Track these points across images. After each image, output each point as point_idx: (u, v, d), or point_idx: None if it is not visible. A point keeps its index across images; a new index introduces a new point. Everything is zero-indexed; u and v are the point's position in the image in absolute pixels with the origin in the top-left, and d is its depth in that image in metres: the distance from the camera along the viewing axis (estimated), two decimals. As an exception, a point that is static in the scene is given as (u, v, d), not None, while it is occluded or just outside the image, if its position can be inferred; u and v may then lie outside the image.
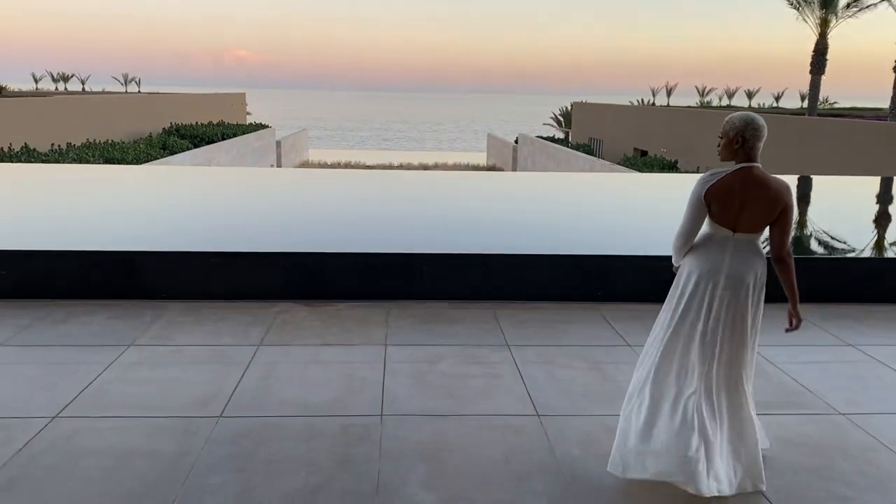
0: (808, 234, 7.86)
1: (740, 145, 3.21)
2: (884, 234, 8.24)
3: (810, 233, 7.96)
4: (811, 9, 32.72)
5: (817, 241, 7.58)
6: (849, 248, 7.31)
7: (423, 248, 6.41)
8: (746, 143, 3.20)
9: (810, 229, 8.18)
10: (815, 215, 9.32)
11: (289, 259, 6.08)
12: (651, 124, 40.09)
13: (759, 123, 3.22)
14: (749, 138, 3.20)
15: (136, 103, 42.54)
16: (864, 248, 7.34)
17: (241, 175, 13.62)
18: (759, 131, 3.22)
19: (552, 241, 6.93)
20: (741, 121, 3.23)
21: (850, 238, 7.74)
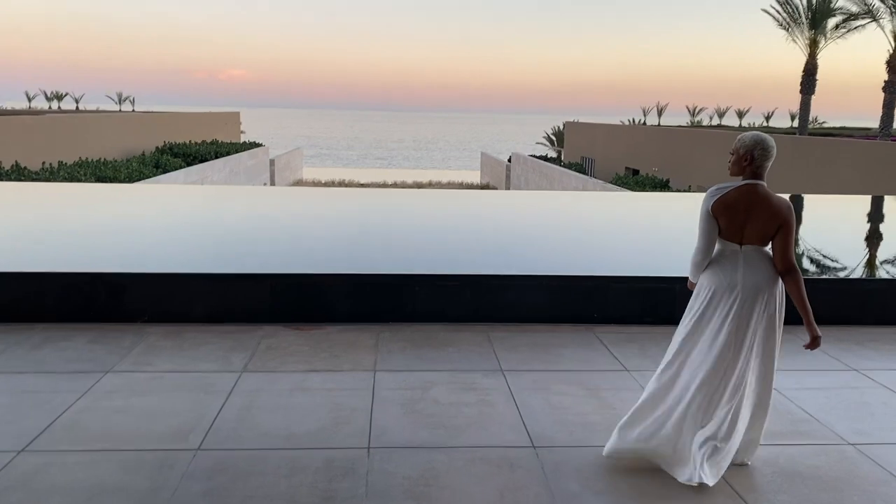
0: (800, 253, 7.73)
1: (749, 163, 3.40)
2: (876, 254, 8.12)
3: (802, 251, 7.83)
4: (800, 29, 32.91)
5: (810, 261, 7.44)
6: (841, 267, 7.18)
7: (416, 268, 6.24)
8: (755, 161, 3.39)
9: (802, 248, 8.05)
10: (807, 234, 9.19)
11: (276, 280, 5.89)
12: (643, 143, 40.17)
13: (769, 144, 3.40)
14: (758, 157, 3.38)
15: (130, 122, 42.42)
16: (857, 268, 7.20)
17: (229, 193, 13.41)
18: (768, 151, 3.39)
19: (546, 262, 6.78)
20: (752, 140, 3.41)
21: (843, 258, 7.61)
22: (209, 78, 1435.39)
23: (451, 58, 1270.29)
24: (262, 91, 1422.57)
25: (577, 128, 52.49)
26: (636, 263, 6.77)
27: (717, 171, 30.68)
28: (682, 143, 35.66)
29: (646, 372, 4.95)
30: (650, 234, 8.52)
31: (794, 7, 32.02)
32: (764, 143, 3.37)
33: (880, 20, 27.83)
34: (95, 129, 35.61)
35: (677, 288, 6.02)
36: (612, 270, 6.33)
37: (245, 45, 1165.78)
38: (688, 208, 11.31)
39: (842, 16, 30.55)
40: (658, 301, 6.03)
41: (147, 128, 41.17)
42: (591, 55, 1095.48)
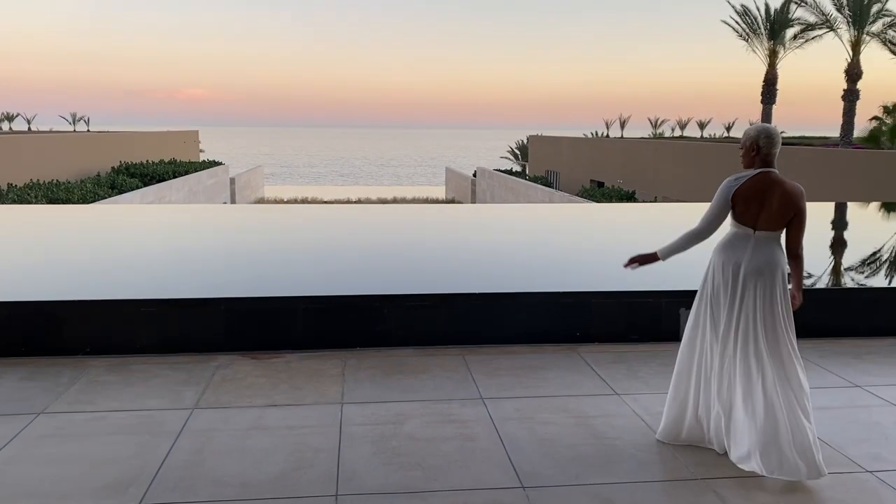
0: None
1: (756, 152, 3.57)
2: (857, 262, 7.89)
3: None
4: (759, 40, 33.32)
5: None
6: (825, 276, 6.91)
7: (383, 288, 5.80)
8: (761, 150, 3.56)
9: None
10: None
11: (231, 305, 5.39)
12: (606, 156, 40.27)
13: (772, 132, 3.58)
14: (763, 145, 3.55)
15: (85, 142, 41.32)
16: (842, 278, 6.95)
17: (182, 213, 12.79)
18: (772, 138, 3.56)
19: (523, 278, 6.38)
20: (755, 131, 3.60)
21: (822, 267, 7.35)
22: (168, 98, 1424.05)
23: (413, 75, 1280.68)
24: (223, 110, 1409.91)
25: (541, 141, 52.57)
26: (618, 278, 6.39)
27: (681, 182, 30.75)
28: (645, 154, 35.80)
29: (637, 395, 4.57)
30: (629, 246, 8.12)
31: (753, 18, 32.41)
32: (767, 131, 3.56)
33: (837, 30, 28.28)
34: (48, 150, 34.55)
35: (663, 303, 5.68)
36: (593, 286, 5.96)
37: (204, 64, 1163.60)
38: (664, 220, 11.03)
39: (800, 26, 30.98)
40: (643, 317, 5.67)
41: (102, 148, 40.15)
42: (553, 70, 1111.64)
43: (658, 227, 9.98)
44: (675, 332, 5.68)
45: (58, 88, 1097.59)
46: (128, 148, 42.84)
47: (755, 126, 3.61)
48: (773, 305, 3.55)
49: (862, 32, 28.06)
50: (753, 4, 33.06)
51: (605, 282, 6.18)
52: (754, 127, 3.60)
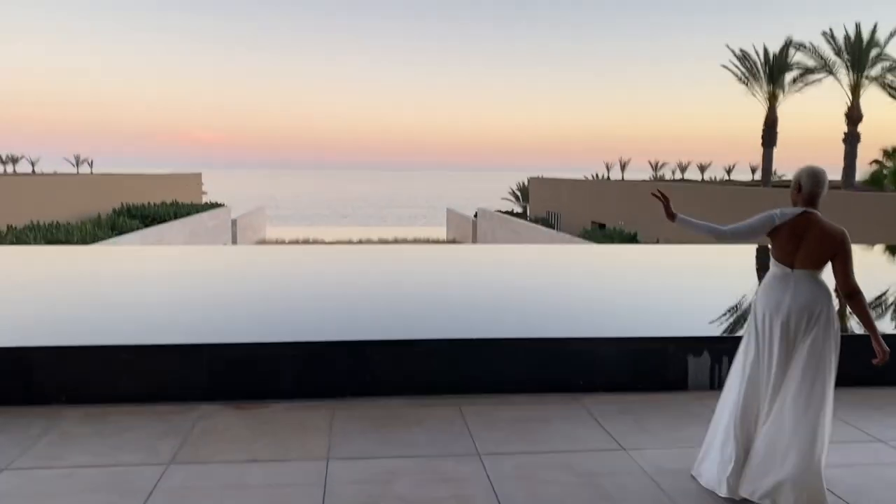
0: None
1: (799, 191, 3.64)
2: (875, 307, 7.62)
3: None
4: (759, 84, 33.49)
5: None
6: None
7: (375, 334, 5.53)
8: (803, 189, 3.62)
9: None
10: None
11: (214, 352, 5.12)
12: (608, 197, 40.25)
13: (816, 172, 3.63)
14: (805, 185, 3.61)
15: (87, 184, 41.41)
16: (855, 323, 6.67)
17: (170, 254, 12.44)
18: (814, 178, 3.61)
19: (523, 323, 6.09)
20: (801, 171, 3.67)
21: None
22: (174, 141, 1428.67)
23: (414, 117, 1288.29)
24: (228, 153, 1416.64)
25: (542, 183, 52.69)
26: (623, 323, 6.12)
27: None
28: (647, 196, 35.67)
29: (645, 450, 4.27)
30: (636, 290, 7.85)
31: (753, 62, 32.62)
32: (811, 171, 3.62)
33: (837, 74, 28.39)
34: (49, 191, 34.57)
35: (670, 350, 5.40)
36: (597, 331, 5.68)
37: (210, 108, 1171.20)
38: (671, 262, 10.77)
39: (798, 70, 31.16)
40: (650, 365, 5.39)
41: (104, 190, 40.22)
42: (553, 113, 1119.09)
43: (663, 269, 9.73)
44: (682, 380, 5.40)
45: (64, 131, 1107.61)
46: (130, 190, 42.92)
47: (803, 167, 3.68)
48: (815, 346, 3.50)
49: (861, 76, 28.19)
50: (753, 49, 33.17)
51: (609, 328, 5.90)
52: (803, 168, 3.67)
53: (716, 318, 6.48)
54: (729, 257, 11.35)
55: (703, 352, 5.38)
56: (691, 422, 4.72)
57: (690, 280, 8.51)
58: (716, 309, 6.87)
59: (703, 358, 5.38)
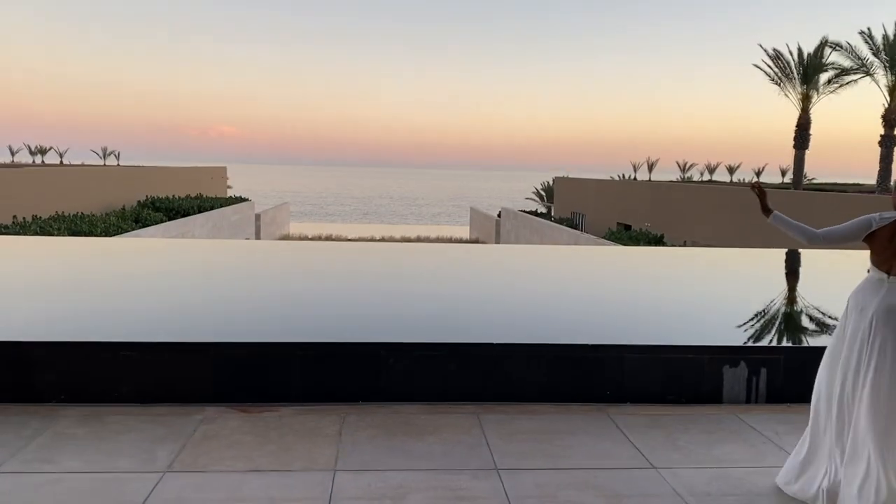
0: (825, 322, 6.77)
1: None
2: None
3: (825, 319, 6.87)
4: (792, 84, 32.74)
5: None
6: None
7: (391, 335, 5.24)
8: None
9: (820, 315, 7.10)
10: (819, 297, 8.26)
11: (221, 351, 4.86)
12: (634, 198, 39.67)
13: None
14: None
15: (112, 176, 41.69)
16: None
17: (187, 248, 12.09)
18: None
19: (547, 328, 5.77)
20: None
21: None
22: (200, 135, 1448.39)
23: (439, 116, 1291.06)
24: (253, 147, 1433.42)
25: (567, 183, 52.17)
26: (654, 330, 5.77)
27: (712, 226, 30.01)
28: (675, 197, 35.16)
29: (678, 469, 3.93)
30: (667, 295, 7.43)
31: (786, 62, 31.89)
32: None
33: (874, 74, 27.63)
34: (75, 182, 34.80)
35: (705, 360, 5.05)
36: (625, 338, 5.33)
37: (236, 103, 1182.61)
38: (704, 266, 10.35)
39: (834, 70, 30.40)
40: (682, 375, 5.04)
41: (129, 182, 40.45)
42: (580, 111, 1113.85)
43: (696, 274, 9.33)
44: (717, 392, 5.05)
45: (92, 124, 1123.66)
46: (155, 182, 43.15)
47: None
48: None
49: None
50: (786, 49, 32.42)
51: (639, 334, 5.55)
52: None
53: (753, 328, 6.10)
54: (764, 263, 10.91)
55: (740, 363, 5.03)
56: (727, 438, 4.38)
57: (725, 286, 8.08)
58: (753, 317, 6.48)
59: (739, 369, 5.02)
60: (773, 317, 6.64)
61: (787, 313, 6.85)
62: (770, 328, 6.13)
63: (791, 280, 9.15)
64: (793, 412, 4.86)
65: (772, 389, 5.06)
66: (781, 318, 6.64)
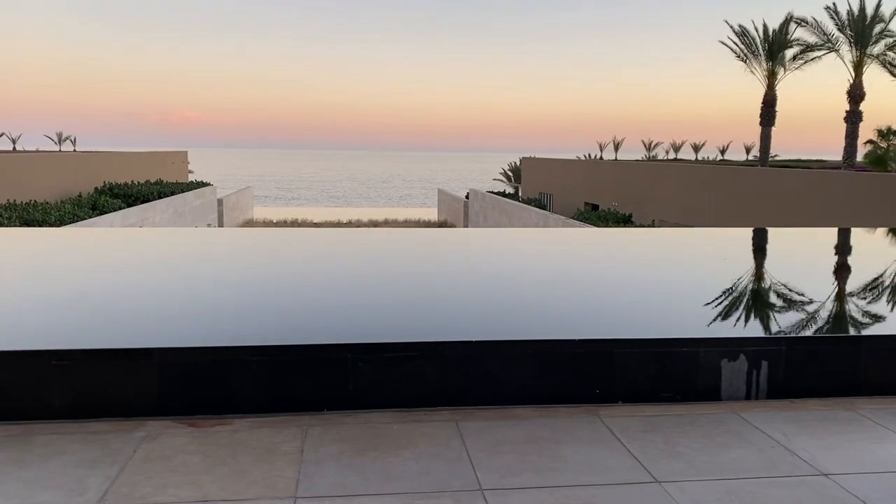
0: (835, 304, 6.43)
1: None
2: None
3: (839, 302, 6.53)
4: (758, 61, 32.72)
5: (856, 316, 6.13)
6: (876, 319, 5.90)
7: (358, 335, 4.74)
8: None
9: (838, 299, 6.77)
10: (815, 282, 7.94)
11: (167, 356, 4.32)
12: (601, 178, 39.56)
13: None
14: None
15: (68, 162, 40.35)
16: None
17: (131, 238, 10.95)
18: None
19: (528, 323, 5.30)
20: None
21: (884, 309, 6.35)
22: (162, 120, 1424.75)
23: (403, 98, 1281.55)
24: (217, 132, 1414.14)
25: (534, 164, 51.92)
26: (643, 321, 5.34)
27: (678, 204, 29.90)
28: (641, 176, 35.06)
29: (683, 482, 3.51)
30: (654, 280, 6.89)
31: (752, 39, 31.81)
32: None
33: (839, 50, 27.63)
34: (28, 169, 33.52)
35: (701, 353, 4.64)
36: (614, 331, 4.91)
37: (198, 87, 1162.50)
38: (687, 249, 9.92)
39: (799, 47, 30.40)
40: (677, 371, 4.63)
41: (86, 168, 39.16)
42: (544, 93, 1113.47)
43: (682, 257, 8.88)
44: (714, 389, 4.65)
45: (48, 109, 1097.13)
46: (113, 168, 41.87)
47: None
48: None
49: (864, 53, 27.43)
50: (752, 25, 32.30)
51: (628, 327, 5.13)
52: None
53: (750, 316, 5.71)
54: (749, 245, 10.58)
55: (739, 355, 4.63)
56: (731, 443, 3.97)
57: (714, 270, 7.63)
58: (748, 305, 6.10)
59: (738, 363, 4.63)
60: (770, 304, 6.25)
61: (785, 299, 6.45)
62: (768, 317, 5.74)
63: (783, 263, 8.76)
64: (797, 409, 4.48)
65: (773, 384, 4.67)
66: (779, 305, 6.25)
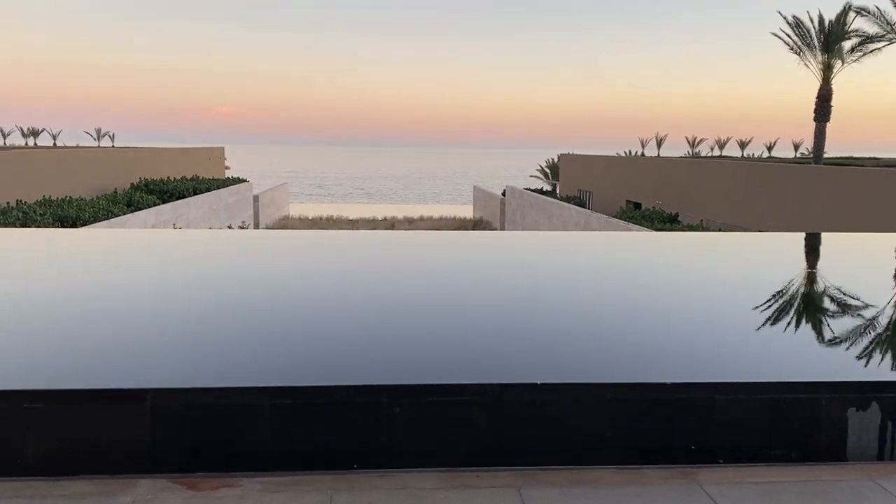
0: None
1: None
2: None
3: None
4: (813, 53, 31.22)
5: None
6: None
7: (396, 373, 3.92)
8: None
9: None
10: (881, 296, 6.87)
11: (163, 399, 3.53)
12: (644, 175, 38.34)
13: None
14: None
15: (105, 158, 40.38)
16: None
17: (129, 242, 8.77)
18: None
19: (604, 359, 4.36)
20: None
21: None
22: (198, 116, 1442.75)
23: (440, 94, 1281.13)
24: (252, 128, 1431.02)
25: (572, 160, 50.80)
26: (745, 358, 4.39)
27: (727, 204, 28.62)
28: (687, 174, 33.80)
29: None
30: (750, 305, 5.49)
31: (807, 30, 30.33)
32: None
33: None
34: (65, 165, 33.48)
35: (823, 401, 3.71)
36: (711, 372, 4.01)
37: (235, 82, 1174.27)
38: (781, 259, 8.11)
39: (858, 38, 28.86)
40: (791, 422, 3.72)
41: (123, 164, 39.13)
42: (583, 87, 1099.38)
43: (767, 268, 7.29)
44: (839, 446, 3.72)
45: (87, 106, 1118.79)
46: (150, 164, 41.86)
47: None
48: None
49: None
50: (807, 16, 30.82)
51: (728, 366, 4.21)
52: None
53: (881, 352, 4.63)
54: (853, 252, 9.35)
55: (871, 404, 3.71)
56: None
57: (822, 288, 6.22)
58: (878, 336, 4.92)
59: (870, 413, 3.70)
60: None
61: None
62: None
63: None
64: (950, 475, 3.56)
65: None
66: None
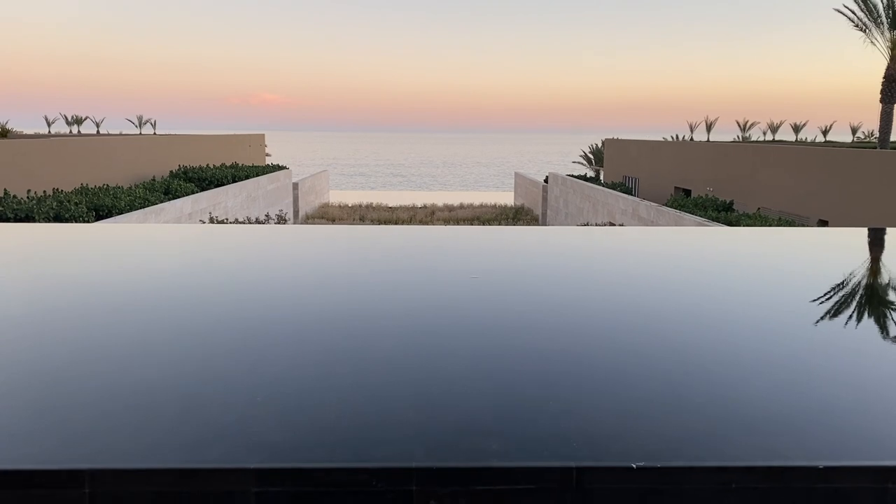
0: None
1: None
2: None
3: None
4: (880, 30, 29.36)
5: None
6: None
7: (428, 450, 2.78)
8: None
9: None
10: None
11: (107, 483, 2.57)
12: (693, 161, 36.82)
13: None
14: None
15: (145, 145, 40.25)
16: None
17: (154, 239, 6.81)
18: None
19: (718, 428, 3.03)
20: None
21: None
22: (242, 102, 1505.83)
23: (479, 77, 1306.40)
24: (296, 115, 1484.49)
25: (617, 145, 49.33)
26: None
27: (784, 191, 27.01)
28: (740, 159, 32.20)
29: None
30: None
31: (874, 4, 28.49)
32: None
33: None
34: (104, 153, 33.29)
35: None
36: (887, 450, 2.89)
37: (279, 70, 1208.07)
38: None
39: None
40: None
41: (162, 151, 38.94)
42: (629, 69, 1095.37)
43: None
44: None
45: (130, 93, 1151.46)
46: (190, 151, 41.69)
47: None
48: None
49: None
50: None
51: (887, 437, 3.09)
52: None
53: None
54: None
55: None
56: None
57: None
58: None
59: None
60: None
61: None
62: None
63: None
64: None
65: None
66: None
